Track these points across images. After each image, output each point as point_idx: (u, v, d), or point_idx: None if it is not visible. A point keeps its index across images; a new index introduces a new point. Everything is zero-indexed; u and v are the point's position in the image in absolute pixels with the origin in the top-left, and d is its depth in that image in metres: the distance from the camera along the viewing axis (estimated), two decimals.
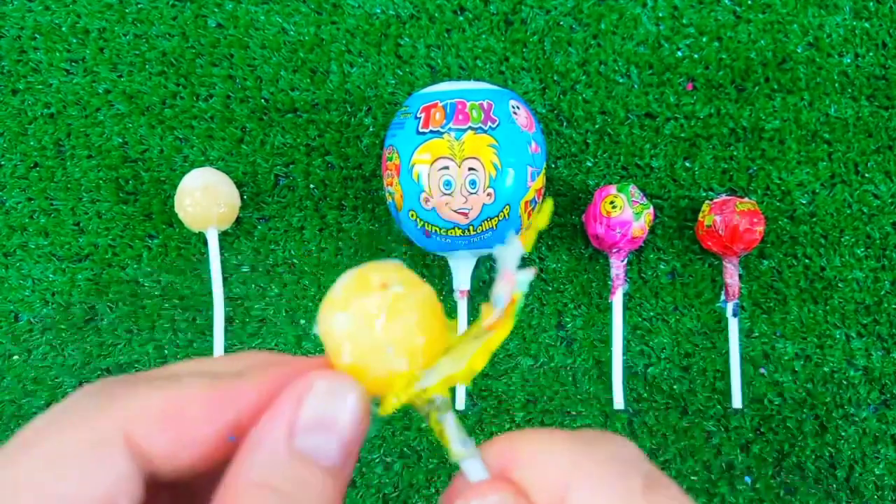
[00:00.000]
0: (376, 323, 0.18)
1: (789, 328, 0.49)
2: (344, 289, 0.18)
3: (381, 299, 0.18)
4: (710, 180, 0.50)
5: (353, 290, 0.18)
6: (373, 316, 0.18)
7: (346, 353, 0.18)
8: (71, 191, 0.51)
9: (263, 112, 0.51)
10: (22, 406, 0.50)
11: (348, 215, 0.51)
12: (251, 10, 0.52)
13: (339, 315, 0.18)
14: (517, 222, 0.44)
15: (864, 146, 0.50)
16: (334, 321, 0.18)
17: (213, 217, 0.48)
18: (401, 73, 0.51)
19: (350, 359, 0.18)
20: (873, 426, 0.48)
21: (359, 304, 0.18)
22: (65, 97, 0.52)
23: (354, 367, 0.18)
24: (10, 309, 0.51)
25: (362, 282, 0.18)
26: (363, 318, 0.18)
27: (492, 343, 0.18)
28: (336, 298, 0.18)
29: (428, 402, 0.19)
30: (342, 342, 0.18)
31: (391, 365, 0.18)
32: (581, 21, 0.51)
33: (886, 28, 0.50)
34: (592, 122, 0.51)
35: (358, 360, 0.18)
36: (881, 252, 0.49)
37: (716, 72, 0.51)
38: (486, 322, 0.18)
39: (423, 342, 0.18)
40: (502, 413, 0.49)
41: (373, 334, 0.18)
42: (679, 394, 0.49)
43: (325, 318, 0.18)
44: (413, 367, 0.18)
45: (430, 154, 0.42)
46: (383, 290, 0.18)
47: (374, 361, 0.18)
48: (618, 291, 0.48)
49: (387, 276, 0.18)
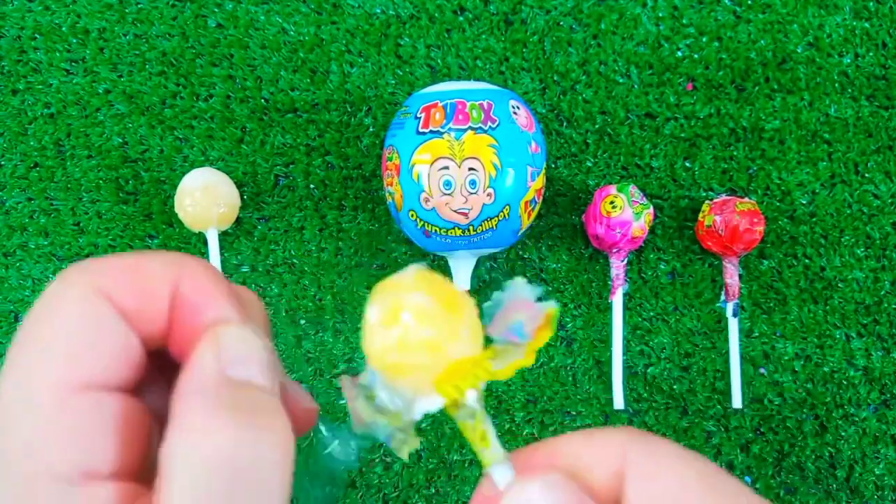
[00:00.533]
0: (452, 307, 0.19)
1: (789, 328, 0.49)
2: (414, 277, 0.19)
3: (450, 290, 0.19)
4: (710, 180, 0.50)
5: (422, 279, 0.19)
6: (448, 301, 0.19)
7: (425, 329, 0.18)
8: (71, 191, 0.51)
9: (263, 112, 0.51)
10: None
11: (348, 215, 0.51)
12: (251, 10, 0.52)
13: (415, 294, 0.18)
14: (517, 222, 0.44)
15: (864, 146, 0.50)
16: (411, 299, 0.18)
17: (213, 217, 0.48)
18: (401, 73, 0.51)
19: (429, 333, 0.18)
20: (873, 426, 0.48)
21: (433, 288, 0.19)
22: (65, 97, 0.52)
23: (430, 344, 0.18)
24: (10, 309, 0.51)
25: (426, 275, 0.19)
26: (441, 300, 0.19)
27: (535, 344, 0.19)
28: (406, 283, 0.19)
29: (465, 406, 0.19)
30: (417, 321, 0.18)
31: (464, 348, 0.19)
32: (581, 21, 0.51)
33: (886, 28, 0.50)
34: (592, 122, 0.51)
35: (434, 340, 0.18)
36: (881, 252, 0.49)
37: (716, 72, 0.51)
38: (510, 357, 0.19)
39: (478, 337, 0.19)
40: (502, 413, 0.49)
41: (452, 315, 0.19)
42: (679, 394, 0.49)
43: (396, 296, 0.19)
44: (476, 355, 0.19)
45: (430, 154, 0.42)
46: (447, 283, 0.19)
47: (449, 342, 0.18)
48: (618, 291, 0.48)
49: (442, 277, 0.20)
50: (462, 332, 0.19)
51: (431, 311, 0.18)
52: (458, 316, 0.19)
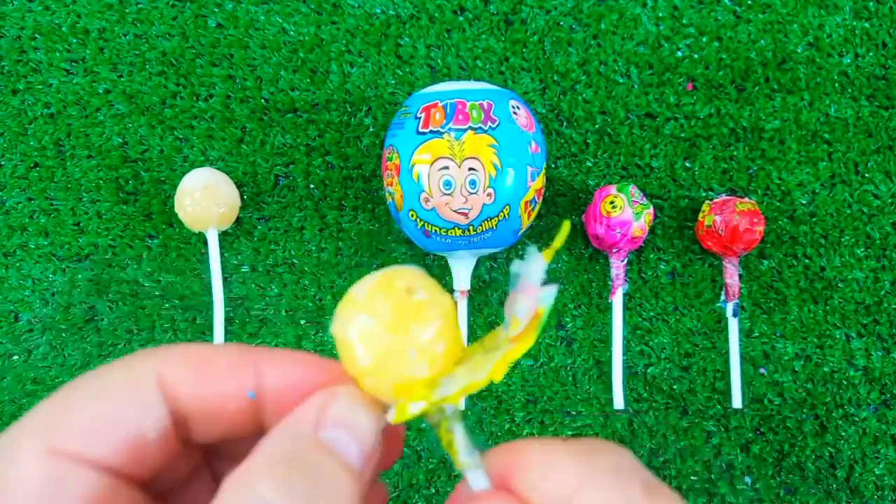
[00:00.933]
0: (400, 326, 0.18)
1: (789, 328, 0.49)
2: (368, 290, 0.18)
3: (406, 303, 0.18)
4: (710, 180, 0.50)
5: (377, 293, 0.18)
6: (397, 319, 0.18)
7: (366, 355, 0.18)
8: (71, 191, 0.51)
9: (263, 112, 0.51)
10: (22, 406, 0.50)
11: (348, 215, 0.51)
12: (251, 10, 0.52)
13: (361, 316, 0.18)
14: (517, 222, 0.44)
15: (864, 146, 0.50)
16: (356, 321, 0.18)
17: (213, 217, 0.48)
18: (401, 73, 0.51)
19: (369, 361, 0.18)
20: (873, 426, 0.48)
21: (383, 307, 0.18)
22: (65, 97, 0.52)
23: (373, 369, 0.18)
24: (10, 309, 0.51)
25: (387, 285, 0.18)
26: (387, 321, 0.18)
27: (512, 355, 0.18)
28: (358, 299, 0.18)
29: (439, 411, 0.18)
30: (362, 344, 0.18)
31: (412, 370, 0.18)
32: (581, 21, 0.51)
33: (886, 28, 0.50)
34: (592, 122, 0.51)
35: (377, 363, 0.18)
36: (881, 252, 0.49)
37: (716, 72, 0.51)
38: (511, 334, 0.18)
39: (443, 350, 0.18)
40: (502, 413, 0.49)
41: (396, 338, 0.18)
42: (679, 394, 0.49)
43: (346, 318, 0.18)
44: (433, 374, 0.18)
45: (430, 154, 0.42)
46: (408, 294, 0.18)
47: (395, 365, 0.18)
48: (618, 291, 0.48)
49: (411, 282, 0.18)
50: (408, 354, 0.18)
51: (374, 333, 0.18)
52: (404, 336, 0.18)
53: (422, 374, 0.18)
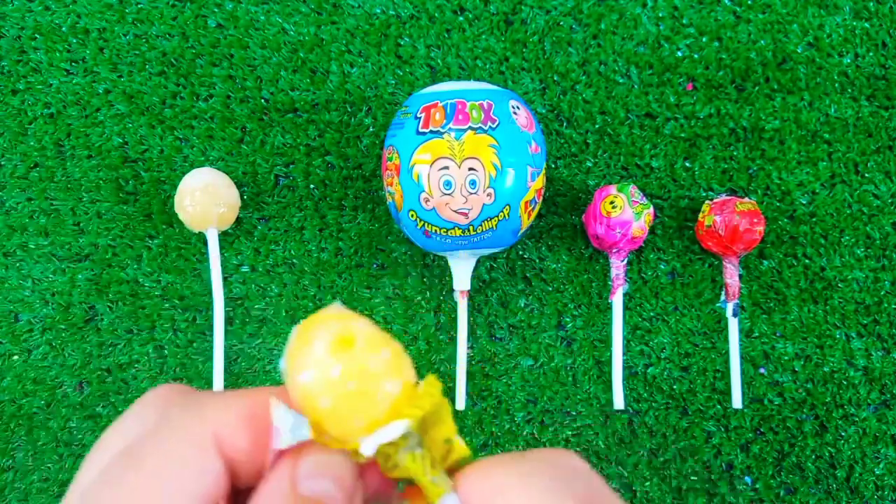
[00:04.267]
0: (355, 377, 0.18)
1: (789, 328, 0.49)
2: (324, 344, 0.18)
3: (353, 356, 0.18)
4: (710, 180, 0.50)
5: (335, 347, 0.18)
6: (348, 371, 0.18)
7: (325, 400, 0.18)
8: (71, 191, 0.51)
9: (263, 112, 0.51)
10: (22, 406, 0.50)
11: (348, 215, 0.51)
12: (251, 10, 0.52)
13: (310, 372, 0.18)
14: (517, 222, 0.44)
15: (864, 146, 0.50)
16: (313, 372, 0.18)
17: (213, 217, 0.48)
18: (401, 73, 0.51)
19: (329, 404, 0.18)
20: (873, 426, 0.48)
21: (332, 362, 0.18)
22: (65, 97, 0.52)
23: (332, 411, 0.18)
24: (10, 309, 0.51)
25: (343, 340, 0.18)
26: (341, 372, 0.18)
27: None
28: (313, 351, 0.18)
29: (405, 441, 0.19)
30: (324, 394, 0.18)
31: (370, 412, 0.18)
32: (581, 21, 0.51)
33: (886, 28, 0.50)
34: (592, 122, 0.51)
35: (336, 406, 0.18)
36: (881, 252, 0.49)
37: (716, 72, 0.51)
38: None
39: (396, 389, 0.19)
40: (502, 413, 0.49)
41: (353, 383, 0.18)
42: (679, 394, 0.49)
43: (297, 368, 0.18)
44: (390, 412, 0.18)
45: (430, 154, 0.42)
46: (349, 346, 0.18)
47: (355, 407, 0.18)
48: (618, 291, 0.48)
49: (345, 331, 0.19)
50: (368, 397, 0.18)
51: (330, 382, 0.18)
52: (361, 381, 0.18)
53: (379, 417, 0.18)
